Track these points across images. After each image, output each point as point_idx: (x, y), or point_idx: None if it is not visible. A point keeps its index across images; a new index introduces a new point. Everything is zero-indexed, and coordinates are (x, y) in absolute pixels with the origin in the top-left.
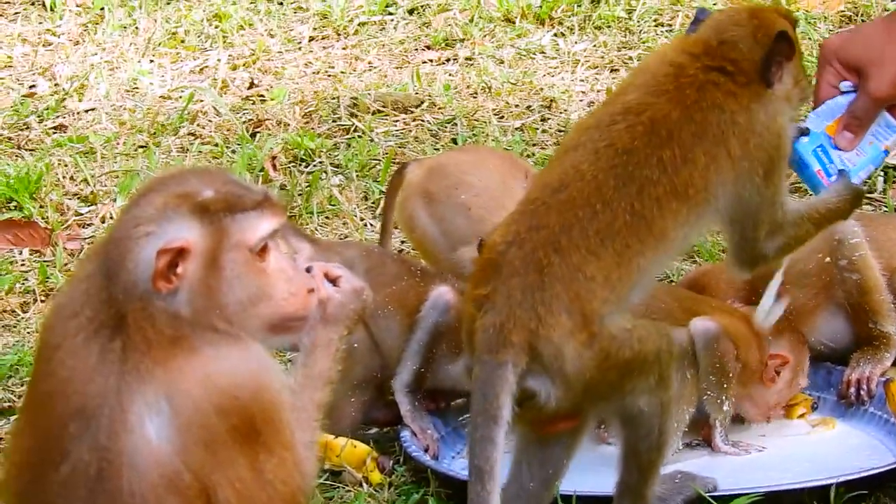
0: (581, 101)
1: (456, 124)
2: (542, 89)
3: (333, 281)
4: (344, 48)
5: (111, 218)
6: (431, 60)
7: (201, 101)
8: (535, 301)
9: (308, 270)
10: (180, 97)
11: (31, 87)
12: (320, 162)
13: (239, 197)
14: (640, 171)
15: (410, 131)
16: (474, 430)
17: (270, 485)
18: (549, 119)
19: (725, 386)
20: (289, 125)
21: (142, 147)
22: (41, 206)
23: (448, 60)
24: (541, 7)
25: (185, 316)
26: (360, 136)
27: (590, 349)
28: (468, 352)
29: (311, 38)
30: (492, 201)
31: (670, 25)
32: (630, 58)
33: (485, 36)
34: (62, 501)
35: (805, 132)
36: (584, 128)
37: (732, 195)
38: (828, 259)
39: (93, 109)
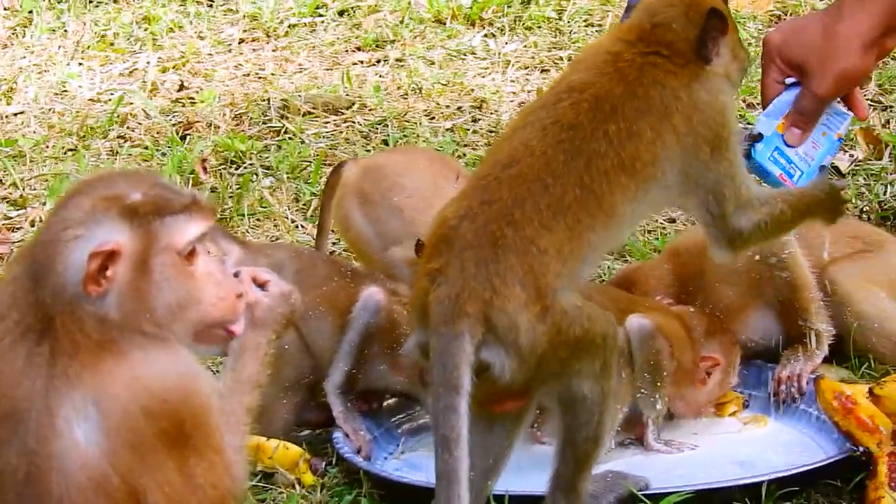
0: (512, 101)
1: (387, 126)
2: (472, 90)
3: (262, 285)
4: (274, 50)
5: (40, 221)
6: (362, 62)
7: (131, 103)
8: (490, 273)
9: (236, 275)
10: (109, 100)
11: None
12: (251, 164)
13: (167, 200)
14: (588, 144)
15: (341, 133)
16: (437, 401)
17: (200, 489)
18: (479, 120)
19: (659, 384)
20: (219, 127)
21: (71, 150)
22: None
23: (378, 62)
24: (471, 8)
25: (113, 319)
26: (290, 138)
27: (543, 322)
28: (420, 326)
29: (241, 41)
30: (423, 202)
31: (600, 26)
32: (560, 58)
33: (415, 37)
34: None
35: (758, 138)
36: (531, 108)
37: (680, 171)
38: (758, 257)
39: (21, 113)
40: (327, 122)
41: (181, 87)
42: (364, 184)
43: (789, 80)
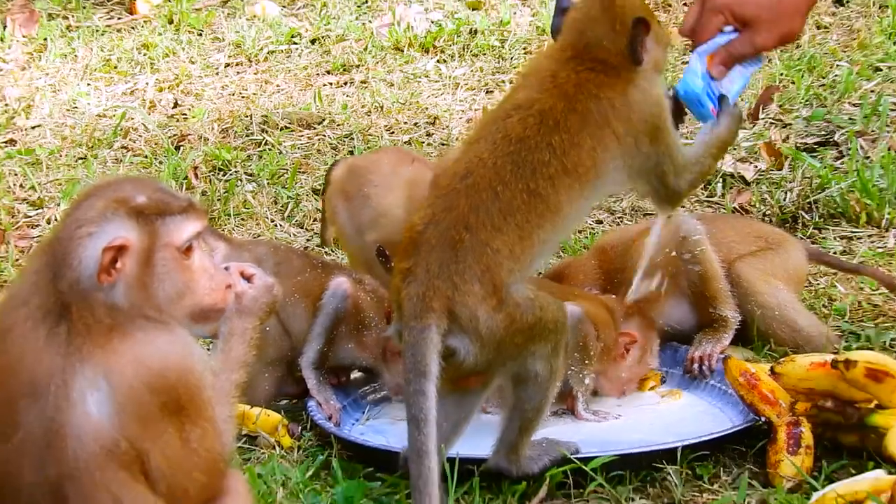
0: (461, 118)
1: (353, 139)
2: (426, 108)
3: (248, 278)
4: (255, 73)
5: (56, 220)
6: (331, 83)
7: (132, 118)
8: (451, 272)
9: (226, 269)
10: (114, 115)
11: None
12: (236, 171)
13: (168, 203)
14: (533, 155)
15: (314, 145)
16: (408, 386)
17: (195, 452)
18: (433, 134)
19: (587, 362)
20: (208, 139)
21: (81, 158)
22: None
23: (346, 83)
24: (425, 37)
25: (121, 306)
26: (270, 149)
27: (499, 312)
28: (398, 318)
29: (227, 65)
30: (385, 188)
31: (538, 52)
32: (503, 81)
33: (377, 62)
34: (14, 468)
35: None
36: (483, 124)
37: (623, 166)
38: (674, 253)
39: (38, 126)
40: (301, 136)
41: (175, 105)
42: (346, 183)
43: (727, 30)
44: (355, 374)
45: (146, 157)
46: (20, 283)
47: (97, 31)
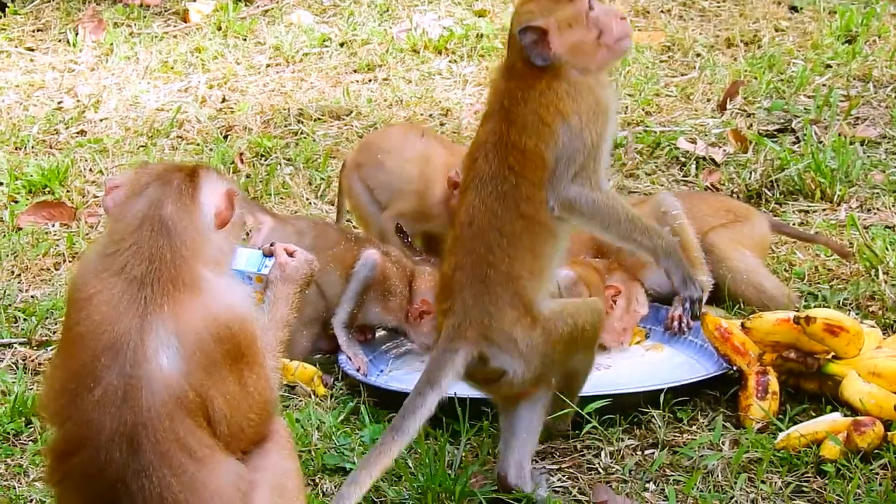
0: (469, 109)
1: (377, 128)
2: (440, 102)
3: (290, 254)
4: (292, 72)
5: None
6: (357, 81)
7: (186, 112)
8: (485, 303)
9: (271, 245)
10: (170, 109)
11: (59, 102)
12: (276, 157)
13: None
14: (504, 185)
15: (343, 133)
16: (415, 389)
17: (251, 395)
18: (445, 124)
19: None
20: (252, 130)
21: (142, 146)
22: (67, 191)
23: (370, 81)
24: (438, 41)
25: (193, 264)
26: (305, 137)
27: (534, 329)
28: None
29: (268, 65)
30: (397, 154)
31: None
32: None
33: (397, 63)
34: (97, 416)
35: None
36: (465, 171)
37: (558, 153)
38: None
39: (105, 119)
40: (332, 126)
41: (223, 100)
42: (359, 156)
43: None
44: (380, 333)
45: (198, 145)
46: (107, 249)
47: (156, 37)
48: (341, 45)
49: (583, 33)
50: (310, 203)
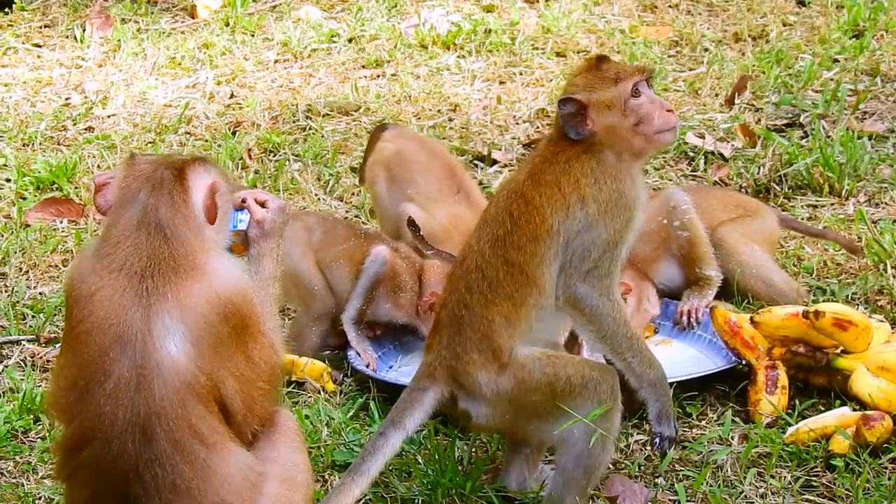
0: (477, 105)
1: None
2: (448, 97)
3: (262, 204)
4: (300, 68)
5: None
6: (366, 76)
7: (194, 108)
8: (455, 343)
9: (243, 201)
10: (178, 105)
11: (66, 99)
12: (284, 153)
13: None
14: (499, 229)
15: (351, 129)
16: (380, 429)
17: (257, 366)
18: (454, 119)
19: None
20: (260, 125)
21: (150, 143)
22: (76, 187)
23: (378, 76)
24: (446, 36)
25: (190, 256)
26: (313, 133)
27: (502, 375)
28: None
29: (276, 61)
30: (427, 200)
31: (543, 48)
32: (514, 73)
33: (405, 58)
34: (109, 409)
35: None
36: (484, 210)
37: (566, 229)
38: (665, 221)
39: (113, 115)
40: (340, 122)
41: (231, 96)
42: (392, 164)
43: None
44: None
45: (206, 141)
46: (104, 250)
47: (164, 33)
48: (349, 40)
49: (619, 118)
50: (318, 199)
